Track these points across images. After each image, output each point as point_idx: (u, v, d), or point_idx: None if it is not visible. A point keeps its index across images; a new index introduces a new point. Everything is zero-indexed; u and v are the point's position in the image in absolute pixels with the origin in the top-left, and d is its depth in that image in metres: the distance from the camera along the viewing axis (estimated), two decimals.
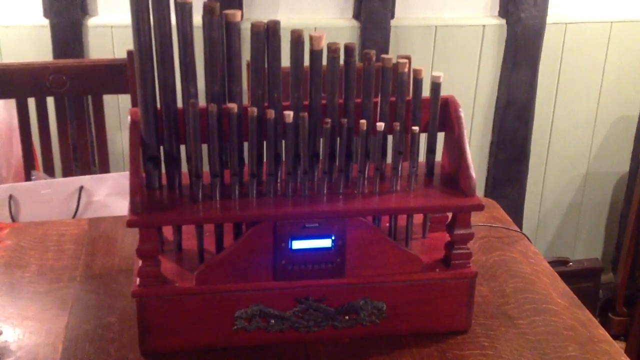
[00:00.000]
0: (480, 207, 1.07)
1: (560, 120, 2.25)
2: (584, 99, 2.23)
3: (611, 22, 2.12)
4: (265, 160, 1.07)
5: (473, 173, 1.08)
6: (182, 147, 1.06)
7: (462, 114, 1.12)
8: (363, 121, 1.05)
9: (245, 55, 1.03)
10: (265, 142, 1.06)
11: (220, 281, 1.04)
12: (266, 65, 1.04)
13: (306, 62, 1.04)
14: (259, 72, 1.04)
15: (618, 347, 1.11)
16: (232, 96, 1.05)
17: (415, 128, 1.08)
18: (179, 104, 1.04)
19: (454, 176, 1.12)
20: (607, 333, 1.15)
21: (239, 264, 1.04)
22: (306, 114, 1.03)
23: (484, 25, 2.07)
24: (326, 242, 1.04)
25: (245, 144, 1.05)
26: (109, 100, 1.70)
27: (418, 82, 1.08)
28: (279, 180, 1.07)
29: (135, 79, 1.03)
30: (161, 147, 1.06)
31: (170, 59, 1.02)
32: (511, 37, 2.08)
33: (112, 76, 1.58)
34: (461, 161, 1.10)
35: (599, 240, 2.46)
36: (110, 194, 1.53)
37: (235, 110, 1.01)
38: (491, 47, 2.10)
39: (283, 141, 1.05)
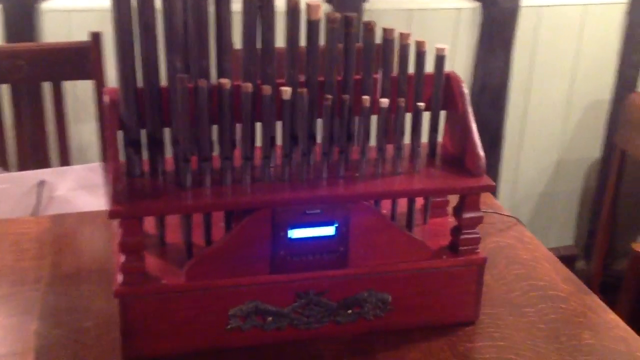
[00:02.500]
0: (491, 188, 0.99)
1: (533, 106, 2.21)
2: (558, 83, 2.19)
3: (585, 5, 2.09)
4: (259, 142, 0.98)
5: (481, 152, 1.01)
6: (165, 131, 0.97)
7: (466, 90, 1.05)
8: (366, 97, 0.96)
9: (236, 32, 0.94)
10: (259, 123, 0.96)
11: (212, 276, 0.94)
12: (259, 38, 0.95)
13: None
14: (251, 46, 0.95)
15: (634, 333, 1.05)
16: (222, 73, 0.95)
17: (421, 104, 1.00)
18: (162, 81, 0.95)
19: (459, 156, 1.05)
20: (619, 318, 1.09)
21: (233, 257, 0.94)
22: (305, 90, 0.94)
23: (459, 9, 2.01)
24: (328, 230, 0.96)
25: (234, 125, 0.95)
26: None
27: (421, 56, 1.01)
28: (273, 164, 0.98)
29: (101, 62, 0.92)
30: (142, 130, 0.96)
31: (152, 30, 0.92)
32: (486, 20, 2.03)
33: (73, 61, 1.46)
34: (467, 140, 1.02)
35: (571, 227, 2.43)
36: (73, 188, 1.41)
37: (228, 86, 0.91)
38: (466, 30, 2.04)
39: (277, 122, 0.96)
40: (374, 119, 0.99)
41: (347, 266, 0.98)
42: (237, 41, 0.95)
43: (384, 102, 0.97)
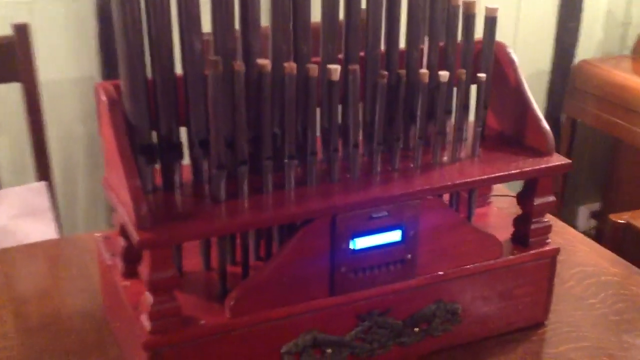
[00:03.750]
0: (568, 166, 0.86)
1: None
2: None
3: None
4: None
5: (547, 126, 0.87)
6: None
7: (516, 57, 0.91)
8: (424, 71, 0.80)
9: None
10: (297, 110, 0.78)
11: (263, 307, 0.75)
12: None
13: None
14: (282, 19, 0.76)
15: None
16: (248, 54, 0.76)
17: (482, 75, 0.85)
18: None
19: (513, 134, 0.91)
20: None
21: (285, 281, 0.76)
22: (357, 67, 0.76)
23: None
24: (395, 235, 0.79)
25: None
26: None
27: (470, 20, 0.85)
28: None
29: (31, 60, 0.71)
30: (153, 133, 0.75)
31: (165, 5, 0.71)
32: None
33: None
34: (527, 114, 0.88)
35: None
36: (14, 215, 1.16)
37: (269, 67, 0.72)
38: None
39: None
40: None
41: (415, 276, 0.82)
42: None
43: (444, 75, 0.81)
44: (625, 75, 1.95)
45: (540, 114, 0.88)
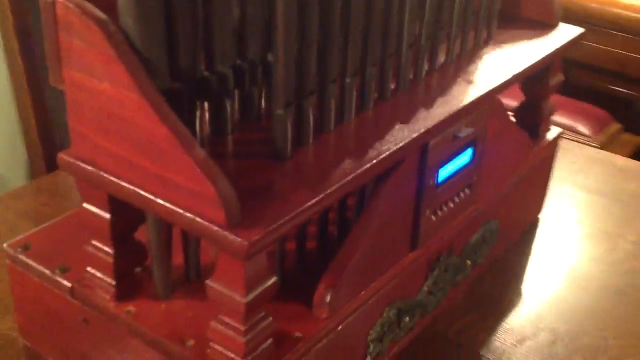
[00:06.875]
0: (585, 35, 0.74)
1: None
2: None
3: None
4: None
5: None
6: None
7: None
8: None
9: None
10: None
11: (353, 294, 0.53)
12: None
13: None
14: None
15: None
16: None
17: None
18: None
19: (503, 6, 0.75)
20: None
21: (374, 250, 0.54)
22: None
23: None
24: (466, 156, 0.61)
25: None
26: None
27: None
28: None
29: None
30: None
31: None
32: None
33: None
34: None
35: None
36: None
37: None
38: None
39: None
40: None
41: (477, 200, 0.65)
42: None
43: None
44: None
45: None
